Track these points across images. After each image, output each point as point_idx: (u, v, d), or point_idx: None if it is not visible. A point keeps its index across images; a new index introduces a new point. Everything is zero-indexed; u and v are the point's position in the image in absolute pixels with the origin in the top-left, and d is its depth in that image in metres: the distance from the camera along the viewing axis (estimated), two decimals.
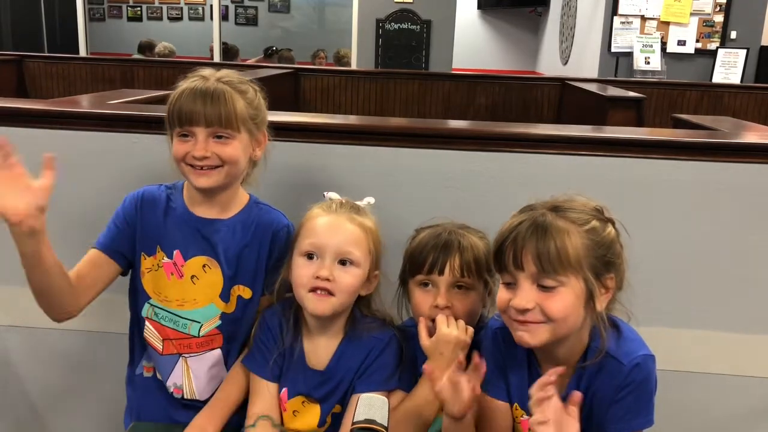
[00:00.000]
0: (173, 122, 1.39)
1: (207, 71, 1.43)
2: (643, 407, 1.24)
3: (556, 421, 1.13)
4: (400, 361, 1.43)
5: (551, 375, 1.14)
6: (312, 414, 1.44)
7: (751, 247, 1.71)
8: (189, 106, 1.37)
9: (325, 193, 1.46)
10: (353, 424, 0.98)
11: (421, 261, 1.40)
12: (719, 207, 1.70)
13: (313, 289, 1.36)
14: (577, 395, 1.14)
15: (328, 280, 1.34)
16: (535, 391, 1.15)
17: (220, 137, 1.39)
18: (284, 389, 1.44)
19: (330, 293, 1.35)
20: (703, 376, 1.78)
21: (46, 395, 1.94)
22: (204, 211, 1.49)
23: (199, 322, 1.49)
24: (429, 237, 1.42)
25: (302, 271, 1.37)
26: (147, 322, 1.51)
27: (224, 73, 1.44)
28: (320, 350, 1.44)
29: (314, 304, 1.36)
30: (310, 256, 1.37)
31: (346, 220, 1.38)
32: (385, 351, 1.42)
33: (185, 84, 1.40)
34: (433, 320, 1.37)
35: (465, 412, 1.23)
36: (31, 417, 1.96)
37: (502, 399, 1.33)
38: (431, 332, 1.36)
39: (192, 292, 1.48)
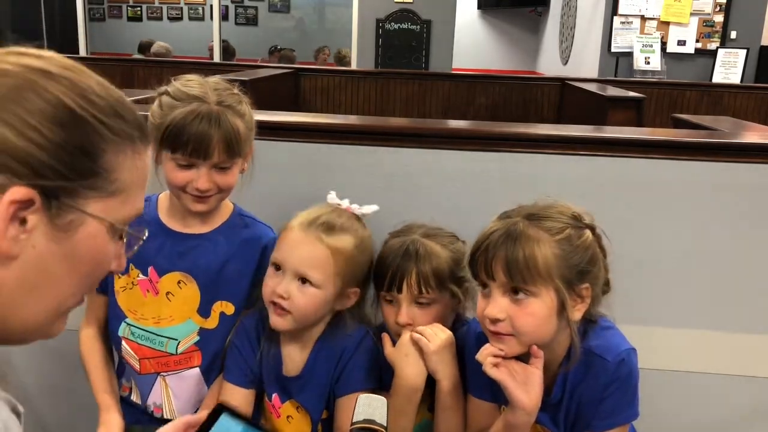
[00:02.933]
0: (174, 148, 1.32)
1: (197, 86, 1.35)
2: (629, 401, 1.25)
3: (513, 372, 1.19)
4: (377, 359, 1.40)
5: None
6: (305, 421, 1.42)
7: (751, 246, 1.71)
8: (197, 139, 1.30)
9: (329, 195, 1.42)
10: (352, 424, 0.98)
11: (381, 276, 1.37)
12: (719, 207, 1.70)
13: (272, 303, 1.34)
14: (535, 349, 1.19)
15: (282, 297, 1.32)
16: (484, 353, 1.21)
17: (222, 168, 1.35)
18: (275, 394, 1.43)
19: (286, 310, 1.33)
20: (703, 376, 1.77)
21: (46, 395, 1.94)
22: (182, 225, 1.45)
23: (176, 339, 1.46)
24: (390, 250, 1.39)
25: (267, 281, 1.36)
26: (123, 342, 1.49)
27: (216, 86, 1.37)
28: (295, 355, 1.42)
29: (273, 319, 1.35)
30: (276, 267, 1.35)
31: (313, 239, 1.33)
32: (359, 350, 1.40)
33: (184, 108, 1.31)
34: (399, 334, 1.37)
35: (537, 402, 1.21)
36: (31, 417, 1.96)
37: (487, 400, 1.33)
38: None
39: (167, 309, 1.45)
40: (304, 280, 1.32)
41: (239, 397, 1.42)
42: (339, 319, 1.41)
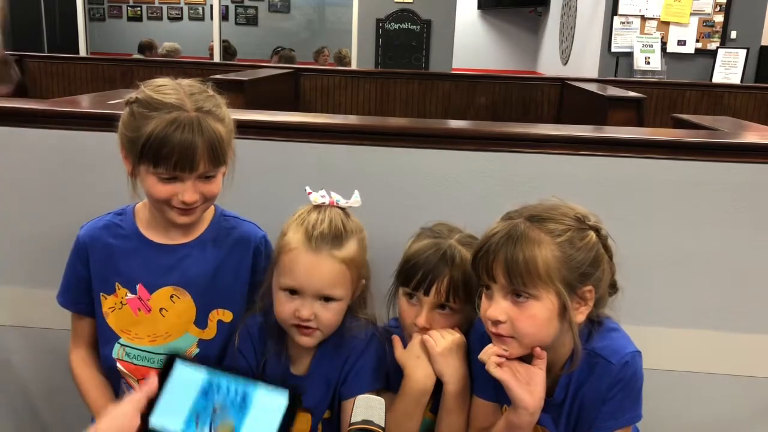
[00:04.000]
0: (156, 163, 1.23)
1: (171, 92, 1.26)
2: (633, 402, 1.25)
3: (516, 372, 1.20)
4: (384, 360, 1.39)
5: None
6: (303, 420, 1.40)
7: (750, 246, 1.71)
8: (180, 151, 1.22)
9: (308, 193, 1.34)
10: (350, 425, 0.98)
11: (410, 274, 1.35)
12: (719, 207, 1.69)
13: (296, 325, 1.31)
14: (538, 351, 1.19)
15: (308, 320, 1.29)
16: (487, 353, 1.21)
17: (207, 177, 1.29)
18: None
19: (314, 328, 1.31)
20: (703, 376, 1.77)
21: (46, 395, 1.94)
22: (165, 236, 1.40)
23: None
24: (424, 249, 1.36)
25: (284, 307, 1.31)
26: (118, 363, 1.43)
27: (191, 90, 1.28)
28: (304, 353, 1.39)
29: (299, 338, 1.32)
30: (291, 292, 1.30)
31: (327, 258, 1.27)
32: (366, 351, 1.38)
33: (161, 117, 1.22)
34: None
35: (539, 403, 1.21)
36: (31, 417, 1.96)
37: (490, 399, 1.33)
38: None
39: (163, 325, 1.40)
40: (326, 298, 1.29)
41: None
42: (345, 315, 1.39)
